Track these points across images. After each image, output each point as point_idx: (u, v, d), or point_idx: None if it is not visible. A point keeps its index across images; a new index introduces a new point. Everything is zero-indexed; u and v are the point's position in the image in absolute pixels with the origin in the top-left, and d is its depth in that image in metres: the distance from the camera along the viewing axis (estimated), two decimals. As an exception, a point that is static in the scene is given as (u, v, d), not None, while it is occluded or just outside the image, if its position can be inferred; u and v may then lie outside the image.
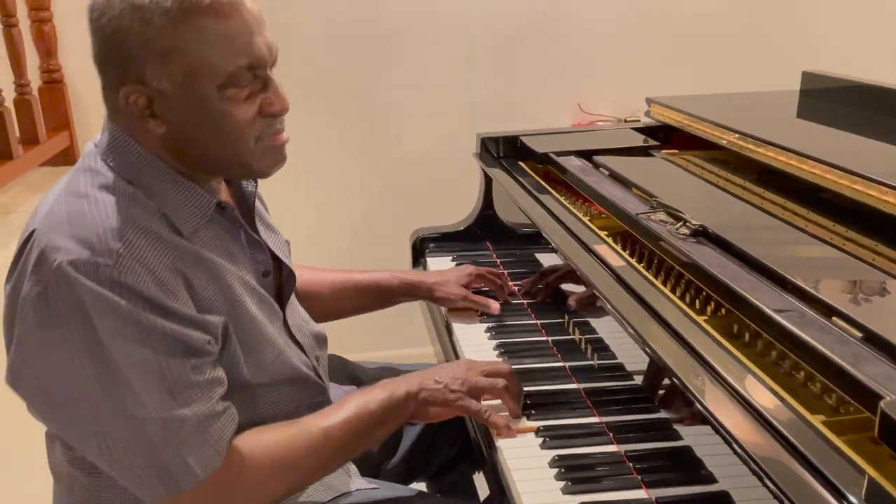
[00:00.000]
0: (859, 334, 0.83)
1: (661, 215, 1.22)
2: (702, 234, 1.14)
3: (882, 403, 0.67)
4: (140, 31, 0.90)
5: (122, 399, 0.89)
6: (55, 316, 0.88)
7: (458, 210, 1.92)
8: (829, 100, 1.75)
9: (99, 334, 0.87)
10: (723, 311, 1.04)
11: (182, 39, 0.91)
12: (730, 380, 0.84)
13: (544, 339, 1.39)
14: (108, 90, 0.97)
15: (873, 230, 1.16)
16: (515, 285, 1.55)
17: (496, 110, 2.57)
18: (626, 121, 2.50)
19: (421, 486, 1.52)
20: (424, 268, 1.77)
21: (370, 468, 1.32)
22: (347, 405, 1.08)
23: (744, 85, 2.21)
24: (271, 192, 1.28)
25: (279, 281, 1.16)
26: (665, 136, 1.82)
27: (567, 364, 1.30)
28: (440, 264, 1.76)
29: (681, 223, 1.16)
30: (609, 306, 1.06)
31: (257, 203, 1.16)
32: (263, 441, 1.00)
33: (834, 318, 0.87)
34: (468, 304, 1.46)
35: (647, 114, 1.90)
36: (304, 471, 1.02)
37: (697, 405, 0.83)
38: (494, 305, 1.45)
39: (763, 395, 0.81)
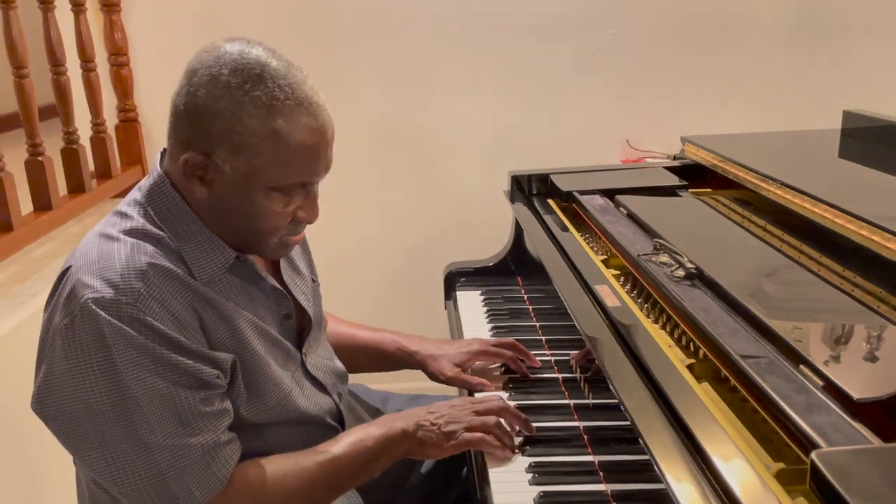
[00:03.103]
0: (820, 383, 0.83)
1: (664, 257, 1.23)
2: (697, 277, 1.15)
3: (813, 453, 0.68)
4: (227, 120, 0.98)
5: (135, 426, 0.96)
6: (79, 347, 0.96)
7: (500, 244, 1.96)
8: (868, 140, 1.72)
9: (117, 365, 0.95)
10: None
11: (260, 143, 0.98)
12: (686, 422, 0.85)
13: (555, 376, 1.41)
14: (174, 140, 1.04)
15: (879, 277, 1.14)
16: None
17: (545, 146, 2.60)
18: (674, 157, 2.49)
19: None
20: (455, 302, 1.82)
21: (382, 499, 1.35)
22: (344, 440, 1.13)
23: (794, 123, 2.19)
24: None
25: (301, 323, 1.23)
26: (700, 175, 1.82)
27: (572, 402, 1.31)
28: (469, 298, 1.81)
29: (677, 265, 1.17)
30: (588, 343, 1.08)
31: None
32: (262, 472, 1.05)
33: (801, 367, 0.87)
34: (458, 384, 1.38)
35: (682, 153, 1.91)
36: (298, 502, 1.07)
37: (641, 443, 0.84)
38: (488, 386, 1.35)
39: (717, 441, 0.81)
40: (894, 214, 1.24)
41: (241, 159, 0.99)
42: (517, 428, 1.18)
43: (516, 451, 1.16)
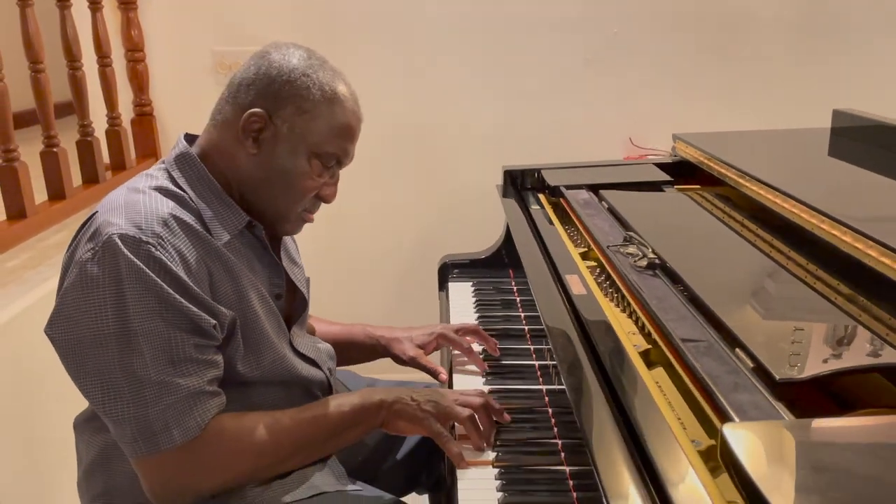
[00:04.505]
0: (751, 365, 0.86)
1: (632, 248, 1.27)
2: (659, 267, 1.19)
3: (723, 426, 0.72)
4: (298, 87, 1.15)
5: (132, 358, 1.03)
6: (95, 278, 1.04)
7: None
8: (856, 139, 1.74)
9: (126, 299, 1.03)
10: (667, 341, 1.08)
11: (319, 109, 1.15)
12: (623, 402, 0.89)
13: (531, 362, 1.46)
14: (233, 106, 1.17)
15: (840, 271, 1.17)
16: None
17: (548, 144, 2.65)
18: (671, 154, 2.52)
19: (423, 497, 1.61)
20: (447, 293, 1.87)
21: (367, 471, 1.41)
22: (323, 404, 1.19)
23: (797, 121, 2.20)
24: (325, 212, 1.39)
25: (290, 307, 1.30)
26: (690, 172, 1.85)
27: (545, 387, 1.36)
28: (461, 290, 1.86)
29: (642, 256, 1.21)
30: (546, 329, 1.12)
31: (287, 239, 1.33)
32: (237, 424, 1.12)
33: (737, 350, 0.91)
34: (416, 367, 1.47)
35: (673, 150, 1.94)
36: (269, 458, 1.13)
37: (577, 420, 0.89)
38: (442, 375, 1.44)
39: (650, 419, 0.86)
40: (863, 211, 1.27)
41: (301, 121, 1.14)
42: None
43: (484, 448, 1.17)
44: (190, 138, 1.24)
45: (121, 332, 1.03)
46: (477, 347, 1.50)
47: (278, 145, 1.15)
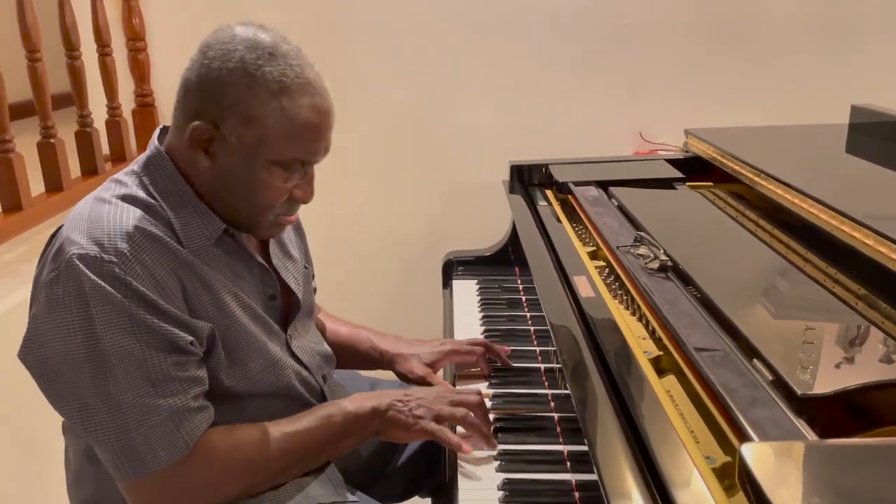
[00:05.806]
0: (770, 377, 0.82)
1: (643, 248, 1.23)
2: (671, 269, 1.14)
3: (742, 446, 0.67)
4: (240, 91, 1.01)
5: (106, 382, 0.99)
6: (61, 300, 0.99)
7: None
8: (875, 135, 1.68)
9: (94, 322, 0.98)
10: (678, 347, 1.03)
11: (268, 117, 1.02)
12: (632, 412, 0.85)
13: (537, 365, 1.42)
14: (182, 112, 1.07)
15: (861, 274, 1.12)
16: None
17: (557, 138, 2.59)
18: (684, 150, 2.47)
19: (426, 500, 1.57)
20: (451, 291, 1.82)
21: (367, 477, 1.37)
22: (314, 415, 1.14)
23: (810, 118, 2.14)
24: (328, 208, 1.32)
25: (288, 304, 1.24)
26: (703, 169, 1.80)
27: (550, 392, 1.31)
28: (465, 287, 1.81)
29: (653, 257, 1.17)
30: (551, 331, 1.08)
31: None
32: (229, 441, 1.07)
33: (754, 361, 0.86)
34: (425, 385, 1.38)
35: (685, 146, 1.89)
36: (261, 474, 1.09)
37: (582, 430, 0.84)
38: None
39: (660, 432, 0.81)
40: (885, 211, 1.22)
41: (249, 131, 1.03)
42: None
43: (488, 442, 1.15)
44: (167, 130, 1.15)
45: (92, 355, 0.98)
46: None
47: (231, 157, 1.05)
